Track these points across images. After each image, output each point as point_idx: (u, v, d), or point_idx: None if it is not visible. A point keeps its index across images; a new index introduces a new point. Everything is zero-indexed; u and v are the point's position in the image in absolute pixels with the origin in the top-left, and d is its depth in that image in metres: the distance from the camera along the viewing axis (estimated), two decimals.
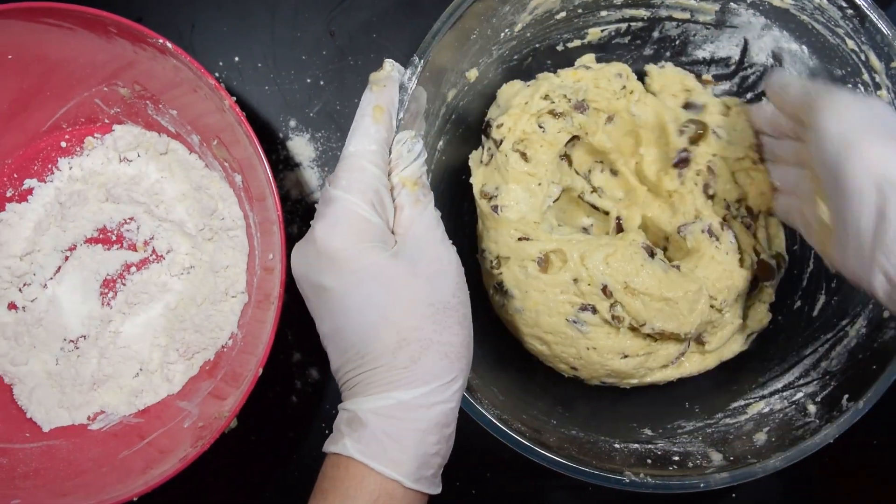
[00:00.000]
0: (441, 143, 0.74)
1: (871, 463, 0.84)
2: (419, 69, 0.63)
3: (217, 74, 0.84)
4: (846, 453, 0.81)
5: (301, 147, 0.84)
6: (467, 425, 0.61)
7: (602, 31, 0.78)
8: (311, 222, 0.55)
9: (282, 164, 0.84)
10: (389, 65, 0.60)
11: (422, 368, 0.52)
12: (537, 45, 0.77)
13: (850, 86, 0.70)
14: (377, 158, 0.56)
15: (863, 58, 0.68)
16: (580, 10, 0.75)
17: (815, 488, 0.84)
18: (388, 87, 0.59)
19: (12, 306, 0.78)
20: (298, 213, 0.83)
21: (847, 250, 0.57)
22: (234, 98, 0.67)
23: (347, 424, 0.53)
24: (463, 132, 0.77)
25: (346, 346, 0.53)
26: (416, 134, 0.59)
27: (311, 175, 0.84)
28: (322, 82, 0.84)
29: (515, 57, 0.76)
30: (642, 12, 0.76)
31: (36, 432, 0.75)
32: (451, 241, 0.57)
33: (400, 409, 0.52)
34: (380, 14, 0.85)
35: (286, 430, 0.82)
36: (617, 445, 0.70)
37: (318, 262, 0.54)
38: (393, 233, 0.56)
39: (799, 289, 0.78)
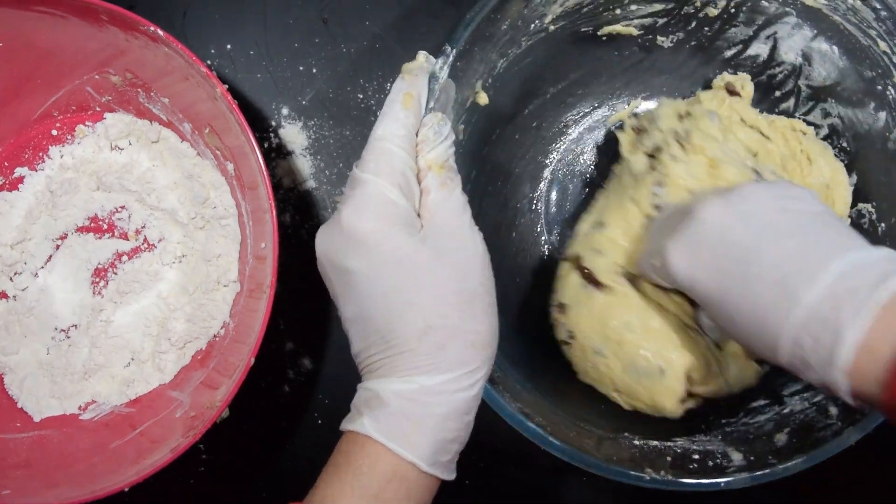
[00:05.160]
0: (465, 133, 0.73)
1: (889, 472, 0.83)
2: (451, 58, 0.62)
3: (209, 62, 0.83)
4: (864, 462, 0.80)
5: (293, 135, 0.83)
6: (488, 417, 0.60)
7: (625, 26, 0.77)
8: (338, 205, 0.55)
9: (274, 152, 0.83)
10: (423, 56, 0.60)
11: (447, 356, 0.52)
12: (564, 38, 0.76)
13: (879, 88, 0.70)
14: (405, 143, 0.56)
15: (895, 60, 0.68)
16: (609, 4, 0.74)
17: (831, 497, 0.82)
18: (419, 77, 0.59)
19: (3, 295, 0.78)
20: (291, 202, 0.83)
21: None
22: (226, 86, 0.67)
23: (366, 404, 0.53)
24: (486, 123, 0.76)
25: (369, 329, 0.53)
26: (443, 117, 0.59)
27: (303, 163, 0.83)
28: (315, 70, 0.84)
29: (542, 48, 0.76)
30: (671, 5, 0.75)
31: (27, 422, 0.75)
32: (477, 227, 0.56)
33: (422, 393, 0.52)
34: (372, 1, 0.84)
35: (278, 419, 0.82)
36: (637, 442, 0.70)
37: (345, 244, 0.53)
38: (419, 216, 0.56)
39: None
